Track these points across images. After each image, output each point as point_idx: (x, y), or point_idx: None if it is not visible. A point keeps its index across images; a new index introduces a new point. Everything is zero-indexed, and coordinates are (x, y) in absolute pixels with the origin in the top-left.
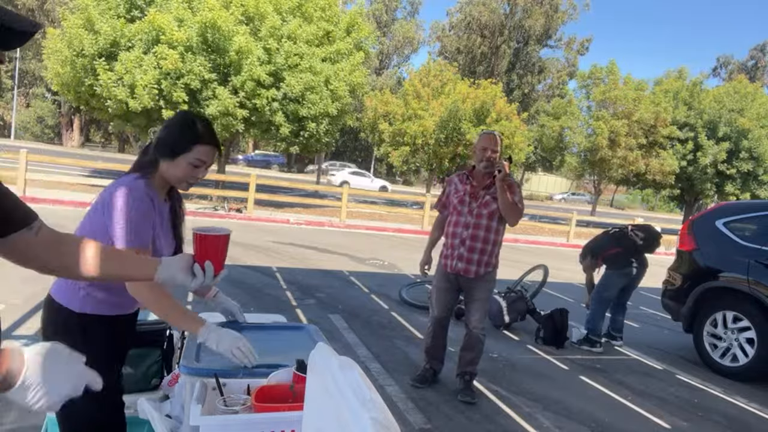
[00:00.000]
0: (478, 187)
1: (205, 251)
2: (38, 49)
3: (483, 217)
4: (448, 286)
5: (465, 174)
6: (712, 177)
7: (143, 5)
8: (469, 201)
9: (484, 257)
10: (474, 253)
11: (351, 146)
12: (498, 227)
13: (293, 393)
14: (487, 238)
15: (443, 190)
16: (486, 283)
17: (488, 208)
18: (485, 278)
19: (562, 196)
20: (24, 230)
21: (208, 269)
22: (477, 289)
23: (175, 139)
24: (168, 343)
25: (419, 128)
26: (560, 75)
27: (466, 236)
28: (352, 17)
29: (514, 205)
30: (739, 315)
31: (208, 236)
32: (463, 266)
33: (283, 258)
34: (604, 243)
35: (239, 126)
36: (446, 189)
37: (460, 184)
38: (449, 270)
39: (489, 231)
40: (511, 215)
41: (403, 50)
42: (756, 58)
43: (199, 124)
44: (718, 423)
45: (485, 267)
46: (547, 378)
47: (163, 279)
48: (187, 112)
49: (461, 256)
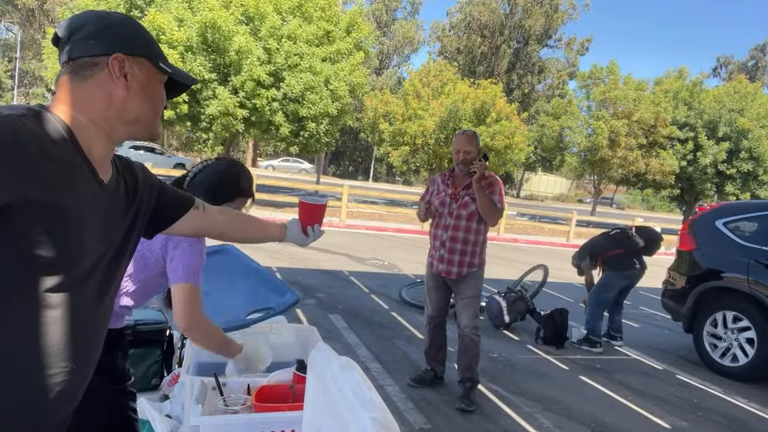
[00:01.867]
0: (459, 188)
1: (311, 216)
2: (38, 49)
3: (462, 218)
4: (436, 285)
5: (447, 174)
6: (712, 177)
7: (143, 5)
8: (449, 202)
9: (465, 258)
10: (454, 254)
11: (351, 146)
12: (479, 227)
13: (293, 393)
14: (467, 239)
15: (427, 188)
16: (471, 281)
17: (467, 209)
18: (469, 278)
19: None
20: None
21: (316, 230)
22: (463, 288)
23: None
24: (168, 343)
25: (419, 128)
26: (560, 75)
27: (445, 238)
28: (352, 17)
29: (492, 205)
30: (739, 315)
31: (314, 205)
32: (445, 268)
33: (283, 258)
34: (604, 244)
35: (239, 126)
36: (429, 187)
37: (442, 185)
38: (434, 271)
39: (469, 232)
40: (489, 215)
41: (403, 50)
42: (756, 58)
43: (244, 179)
44: (718, 423)
45: (468, 267)
46: (547, 378)
47: (289, 238)
48: (235, 163)
49: (442, 257)
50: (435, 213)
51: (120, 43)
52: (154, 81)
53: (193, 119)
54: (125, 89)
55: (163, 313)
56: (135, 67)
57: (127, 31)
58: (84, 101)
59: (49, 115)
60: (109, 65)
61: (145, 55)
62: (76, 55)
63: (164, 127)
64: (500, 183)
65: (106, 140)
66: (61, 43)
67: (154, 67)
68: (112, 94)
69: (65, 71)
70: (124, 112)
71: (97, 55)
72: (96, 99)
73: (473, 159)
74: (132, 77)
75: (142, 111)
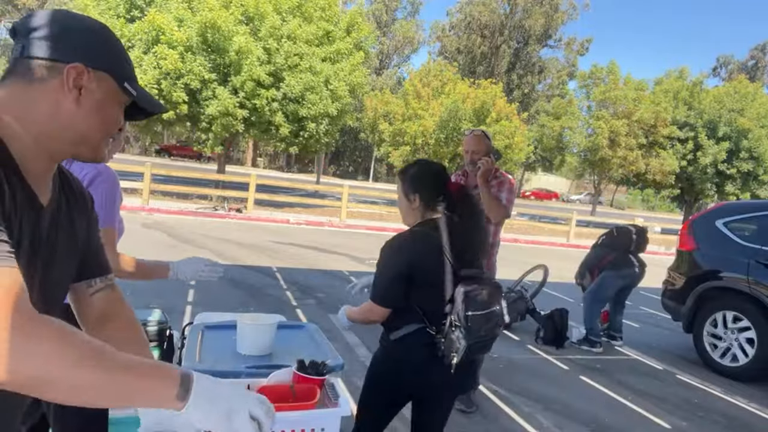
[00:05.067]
0: (469, 188)
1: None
2: None
3: None
4: None
5: (460, 174)
6: (712, 177)
7: (143, 5)
8: None
9: None
10: None
11: (351, 146)
12: (487, 228)
13: (293, 393)
14: None
15: None
16: None
17: None
18: None
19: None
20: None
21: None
22: None
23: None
24: (168, 343)
25: (419, 128)
26: (560, 75)
27: None
28: (352, 17)
29: (494, 200)
30: (739, 315)
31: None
32: None
33: (283, 258)
34: (595, 255)
35: (239, 126)
36: None
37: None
38: None
39: None
40: (490, 210)
41: (403, 50)
42: (756, 58)
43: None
44: (718, 423)
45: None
46: (547, 378)
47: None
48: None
49: None
50: None
51: (83, 52)
52: (112, 101)
53: (192, 119)
54: (75, 103)
55: (163, 313)
56: (94, 83)
57: (96, 41)
58: (24, 107)
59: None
60: (64, 73)
61: (108, 70)
62: (29, 53)
63: (164, 127)
64: (511, 182)
65: (41, 155)
66: (17, 36)
67: (118, 86)
68: (58, 106)
69: (10, 69)
70: (67, 128)
71: (53, 59)
72: (39, 107)
73: (481, 159)
74: (87, 92)
75: (88, 131)
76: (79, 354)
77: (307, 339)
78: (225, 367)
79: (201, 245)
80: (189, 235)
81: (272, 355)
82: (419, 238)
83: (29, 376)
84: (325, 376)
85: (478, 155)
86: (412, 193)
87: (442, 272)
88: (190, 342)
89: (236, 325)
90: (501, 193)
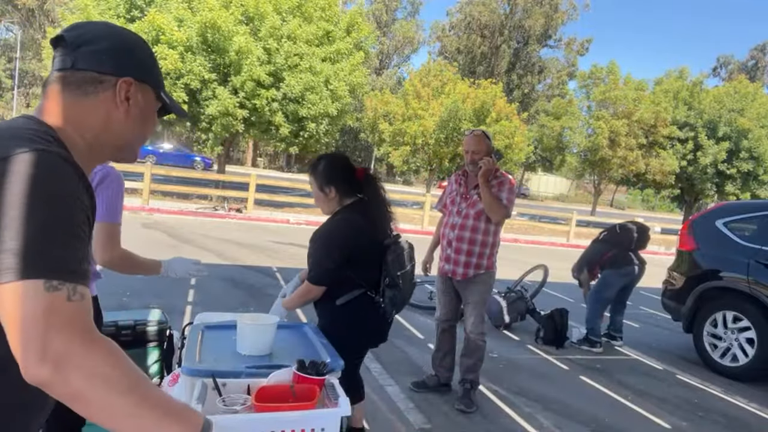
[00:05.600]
0: (470, 188)
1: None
2: (38, 49)
3: (470, 217)
4: (445, 288)
5: (461, 174)
6: (712, 177)
7: (143, 5)
8: (459, 201)
9: (472, 259)
10: (460, 254)
11: (351, 146)
12: (487, 227)
13: (293, 393)
14: (473, 239)
15: (444, 188)
16: (478, 285)
17: (475, 208)
18: (476, 281)
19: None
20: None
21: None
22: (469, 292)
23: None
24: (168, 343)
25: (419, 128)
26: (560, 75)
27: (452, 237)
28: (352, 17)
29: (495, 200)
30: (739, 315)
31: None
32: (450, 268)
33: (283, 258)
34: (596, 251)
35: (239, 126)
36: (446, 188)
37: (455, 184)
38: (441, 272)
39: (476, 231)
40: (490, 210)
41: (403, 50)
42: (756, 58)
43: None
44: (718, 423)
45: (475, 269)
46: (547, 378)
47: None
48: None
49: (448, 257)
50: (446, 212)
51: (133, 66)
52: (152, 109)
53: (192, 119)
54: (125, 114)
55: (163, 313)
56: (139, 94)
57: (141, 55)
58: (80, 118)
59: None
60: (117, 87)
61: (150, 82)
62: (82, 66)
63: (164, 127)
64: (512, 182)
65: (89, 160)
66: (65, 48)
67: (155, 95)
68: (110, 116)
69: (59, 80)
70: (118, 136)
71: (106, 73)
72: (93, 118)
73: (481, 159)
74: (134, 103)
75: (133, 137)
76: (126, 385)
77: (307, 339)
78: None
79: (201, 245)
80: (189, 235)
81: (272, 355)
82: (347, 224)
83: (76, 389)
84: (325, 376)
85: (479, 155)
86: (326, 186)
87: (371, 246)
88: (190, 342)
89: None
90: (501, 193)
